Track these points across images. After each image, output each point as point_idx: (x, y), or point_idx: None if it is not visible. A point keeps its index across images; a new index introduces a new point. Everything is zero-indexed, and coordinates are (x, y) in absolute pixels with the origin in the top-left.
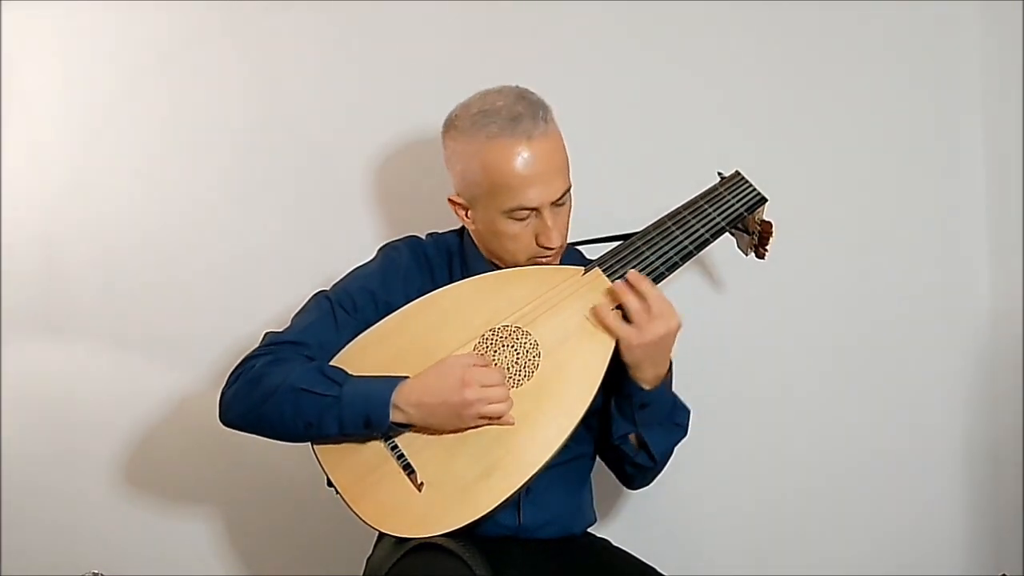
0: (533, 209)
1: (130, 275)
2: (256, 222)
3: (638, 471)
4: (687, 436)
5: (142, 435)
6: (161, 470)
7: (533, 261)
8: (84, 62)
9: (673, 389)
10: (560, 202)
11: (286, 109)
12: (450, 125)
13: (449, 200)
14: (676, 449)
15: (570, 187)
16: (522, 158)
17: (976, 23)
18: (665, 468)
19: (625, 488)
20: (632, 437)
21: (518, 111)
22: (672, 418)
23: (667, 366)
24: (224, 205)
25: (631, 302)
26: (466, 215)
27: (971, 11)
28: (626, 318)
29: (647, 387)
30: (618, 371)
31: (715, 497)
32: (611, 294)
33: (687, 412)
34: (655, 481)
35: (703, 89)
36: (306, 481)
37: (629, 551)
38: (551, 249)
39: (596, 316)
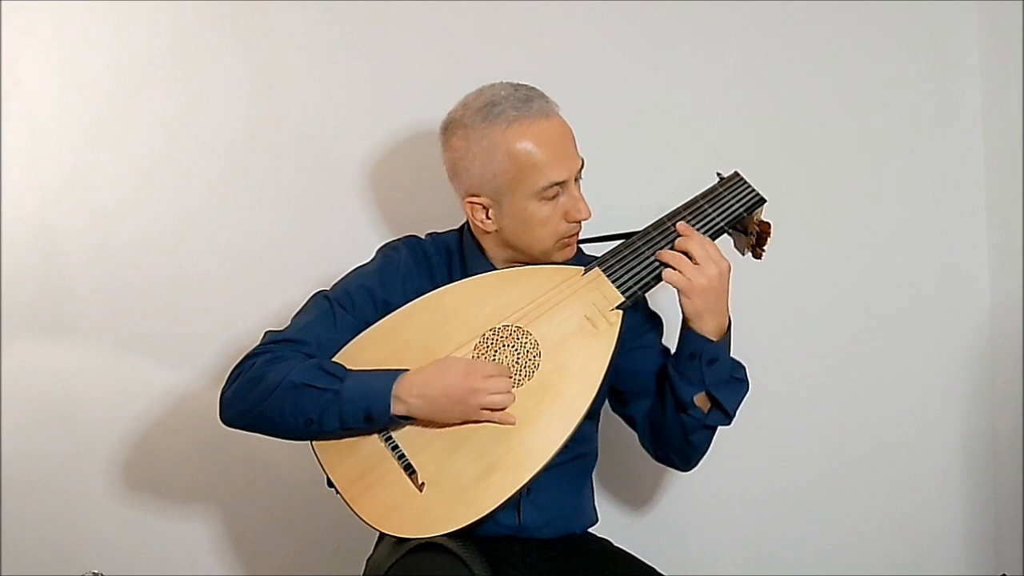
0: (561, 184)
1: (130, 274)
2: (255, 221)
3: (708, 435)
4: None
5: (142, 434)
6: (161, 469)
7: (562, 243)
8: (84, 61)
9: None
10: (579, 176)
11: (286, 107)
12: (456, 126)
13: (468, 203)
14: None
15: (584, 161)
16: (545, 135)
17: (976, 23)
18: (663, 465)
19: (679, 471)
20: (699, 400)
21: (525, 94)
22: (735, 373)
23: (727, 316)
24: (223, 204)
25: (673, 258)
26: (487, 215)
27: (971, 11)
28: None
29: (712, 339)
30: (679, 334)
31: (715, 497)
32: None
33: (744, 367)
34: (656, 482)
35: (703, 89)
36: (306, 481)
37: (629, 551)
38: (579, 224)
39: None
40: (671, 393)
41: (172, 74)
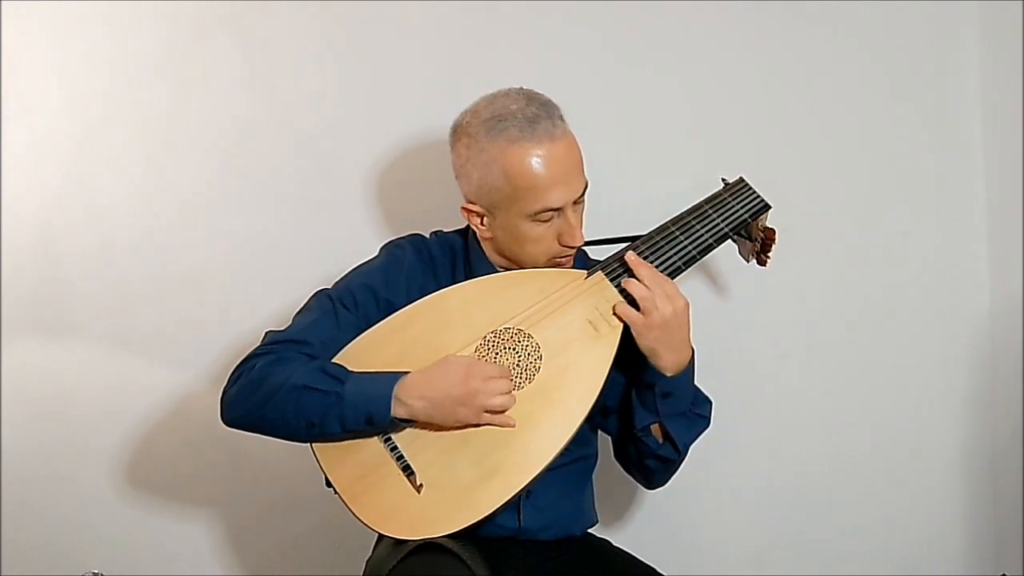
0: (557, 210)
1: (130, 273)
2: (256, 220)
3: (661, 464)
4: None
5: (142, 434)
6: (161, 469)
7: (554, 262)
8: (83, 61)
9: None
10: (580, 199)
11: (286, 106)
12: (462, 132)
13: (463, 209)
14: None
15: (587, 183)
16: (546, 160)
17: (976, 23)
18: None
19: (644, 488)
20: (655, 429)
21: (533, 112)
22: (695, 408)
23: (687, 353)
24: (224, 202)
25: (634, 288)
26: (481, 222)
27: (971, 11)
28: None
29: (668, 374)
30: (639, 361)
31: (715, 497)
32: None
33: (710, 403)
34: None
35: (708, 94)
36: (306, 481)
37: (629, 551)
38: (574, 248)
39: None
40: (629, 417)
41: (172, 74)
